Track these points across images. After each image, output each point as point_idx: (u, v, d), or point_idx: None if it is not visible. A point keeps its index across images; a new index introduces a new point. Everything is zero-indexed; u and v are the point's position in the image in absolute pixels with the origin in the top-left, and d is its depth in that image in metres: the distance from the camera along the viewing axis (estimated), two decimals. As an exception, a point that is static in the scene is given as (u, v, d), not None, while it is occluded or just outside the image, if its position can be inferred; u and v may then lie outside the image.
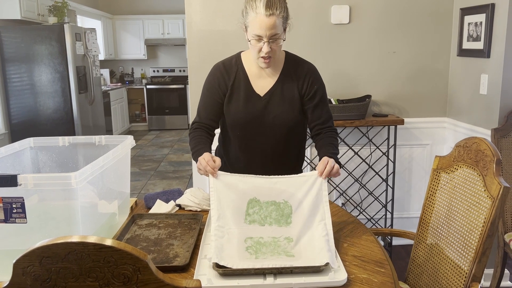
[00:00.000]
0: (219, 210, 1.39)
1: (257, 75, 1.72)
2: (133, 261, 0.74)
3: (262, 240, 1.36)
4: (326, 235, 1.34)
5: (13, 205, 1.21)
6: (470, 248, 1.43)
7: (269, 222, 1.41)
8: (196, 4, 2.82)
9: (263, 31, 1.52)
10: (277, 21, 1.52)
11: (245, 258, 1.28)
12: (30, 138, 1.66)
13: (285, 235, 1.38)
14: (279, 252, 1.31)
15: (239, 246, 1.33)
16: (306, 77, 1.71)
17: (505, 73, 2.40)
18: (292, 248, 1.34)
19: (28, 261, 0.74)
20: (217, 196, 1.42)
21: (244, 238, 1.36)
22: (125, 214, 1.68)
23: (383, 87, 2.98)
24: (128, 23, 8.29)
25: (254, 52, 1.60)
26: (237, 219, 1.40)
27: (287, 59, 1.74)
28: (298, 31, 2.86)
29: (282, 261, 1.25)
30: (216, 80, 1.72)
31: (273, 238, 1.37)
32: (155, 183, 5.03)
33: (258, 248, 1.33)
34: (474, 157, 1.50)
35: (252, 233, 1.38)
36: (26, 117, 4.92)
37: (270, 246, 1.34)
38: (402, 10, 2.89)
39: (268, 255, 1.30)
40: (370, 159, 3.03)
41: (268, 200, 1.44)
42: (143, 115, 8.51)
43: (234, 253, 1.28)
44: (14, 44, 4.76)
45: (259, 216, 1.42)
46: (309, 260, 1.25)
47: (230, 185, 1.44)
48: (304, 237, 1.38)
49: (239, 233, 1.37)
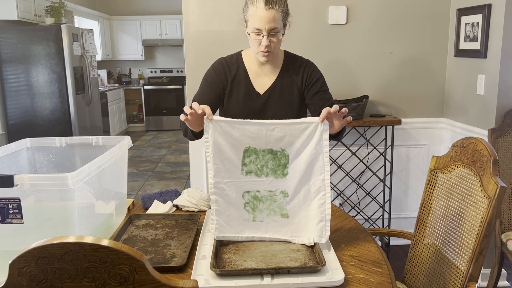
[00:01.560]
0: (216, 164, 1.37)
1: (257, 73, 1.74)
2: (129, 261, 0.74)
3: (259, 194, 1.39)
4: (323, 196, 1.36)
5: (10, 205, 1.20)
6: (467, 248, 1.43)
7: (265, 173, 1.39)
8: (193, 4, 2.82)
9: (263, 24, 1.55)
10: (277, 15, 1.56)
11: (243, 219, 1.37)
12: (27, 139, 1.66)
13: (281, 188, 1.39)
14: (275, 210, 1.38)
15: (238, 203, 1.38)
16: (304, 71, 1.74)
17: (502, 74, 2.41)
18: (287, 204, 1.39)
19: (24, 261, 0.73)
20: (213, 147, 1.36)
21: (241, 193, 1.39)
22: (122, 214, 1.68)
23: (380, 87, 2.98)
24: (125, 23, 8.28)
25: (254, 46, 1.63)
26: (233, 170, 1.39)
27: (286, 58, 1.77)
28: (296, 31, 2.86)
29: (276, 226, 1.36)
30: (217, 73, 1.74)
31: (269, 192, 1.39)
32: (152, 183, 5.02)
33: (255, 205, 1.38)
34: (471, 157, 1.50)
35: (249, 186, 1.39)
36: (23, 117, 4.91)
37: (267, 201, 1.39)
38: (399, 11, 2.90)
39: (265, 215, 1.37)
40: (367, 159, 3.04)
41: (265, 148, 1.38)
42: (140, 116, 8.50)
43: (233, 215, 1.36)
44: (11, 44, 4.75)
45: (255, 166, 1.39)
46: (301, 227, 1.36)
47: (225, 133, 1.37)
48: (300, 193, 1.39)
49: (236, 188, 1.39)
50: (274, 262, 1.26)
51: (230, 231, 1.37)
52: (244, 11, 1.64)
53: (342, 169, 3.01)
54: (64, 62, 4.86)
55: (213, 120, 1.35)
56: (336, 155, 3.00)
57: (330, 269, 1.21)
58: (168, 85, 8.29)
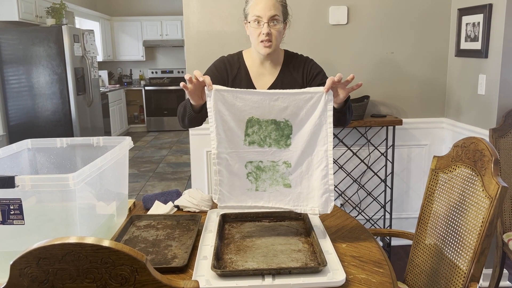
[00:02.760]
0: (219, 134, 1.36)
1: (258, 72, 1.75)
2: (130, 262, 0.74)
3: (261, 164, 1.39)
4: (326, 167, 1.36)
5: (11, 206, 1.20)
6: (469, 248, 1.43)
7: (268, 143, 1.39)
8: (194, 5, 2.82)
9: (263, 11, 1.59)
10: (276, 4, 1.60)
11: (246, 189, 1.37)
12: (28, 140, 1.66)
13: (283, 158, 1.39)
14: (277, 180, 1.38)
15: (240, 173, 1.38)
16: (304, 68, 1.76)
17: (503, 73, 2.40)
18: (289, 174, 1.38)
19: (25, 262, 0.73)
20: (215, 117, 1.35)
21: (244, 163, 1.39)
22: (123, 215, 1.68)
23: (381, 87, 2.98)
24: (126, 24, 8.29)
25: (254, 37, 1.65)
26: (236, 140, 1.38)
27: (286, 57, 1.79)
28: (296, 31, 2.86)
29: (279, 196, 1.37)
30: (219, 69, 1.76)
31: (272, 163, 1.39)
32: (153, 184, 5.02)
33: (258, 175, 1.38)
34: (472, 157, 1.50)
35: (251, 157, 1.39)
36: (24, 118, 4.92)
37: (269, 171, 1.38)
38: (400, 11, 2.90)
39: (267, 184, 1.38)
40: (368, 159, 3.04)
41: (268, 119, 1.38)
42: (141, 117, 8.51)
43: (236, 185, 1.37)
44: (12, 45, 4.75)
45: (258, 136, 1.39)
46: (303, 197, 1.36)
47: (227, 103, 1.36)
48: (303, 163, 1.39)
49: (239, 158, 1.38)
50: (275, 263, 1.26)
51: (233, 200, 1.38)
52: (245, 6, 1.68)
53: (343, 169, 3.01)
54: (65, 63, 4.87)
55: (215, 89, 1.34)
56: (337, 155, 3.00)
57: (331, 270, 1.21)
58: (169, 85, 8.30)
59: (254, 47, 1.70)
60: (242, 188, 1.39)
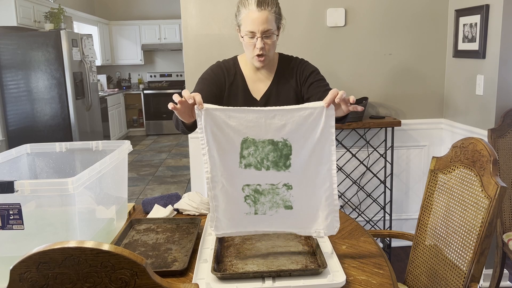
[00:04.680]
0: (212, 157, 1.25)
1: (253, 78, 1.73)
2: (130, 266, 0.74)
3: (260, 188, 1.28)
4: (329, 187, 1.26)
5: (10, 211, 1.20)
6: (469, 249, 1.43)
7: (266, 166, 1.27)
8: (192, 9, 2.82)
9: (256, 26, 1.54)
10: (269, 16, 1.55)
11: (244, 214, 1.27)
12: (27, 144, 1.66)
13: (283, 181, 1.28)
14: (278, 202, 1.28)
15: (237, 197, 1.27)
16: (297, 71, 1.73)
17: (501, 74, 2.41)
18: (291, 196, 1.28)
19: (25, 267, 0.73)
20: (207, 138, 1.24)
21: (241, 186, 1.27)
22: (123, 219, 1.68)
23: (379, 89, 2.99)
24: (124, 28, 8.30)
25: (248, 51, 1.62)
26: (231, 164, 1.27)
27: (280, 60, 1.76)
28: (294, 34, 2.86)
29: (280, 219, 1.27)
30: (216, 74, 1.72)
31: (271, 186, 1.28)
32: (153, 188, 5.02)
33: (257, 198, 1.28)
34: (471, 158, 1.50)
35: (248, 180, 1.28)
36: (23, 123, 4.91)
37: (269, 194, 1.28)
38: (398, 12, 2.90)
39: (267, 207, 1.28)
40: (367, 161, 3.04)
41: (264, 139, 1.26)
42: (140, 120, 8.51)
43: (233, 210, 1.27)
44: (11, 50, 4.76)
45: (254, 158, 1.27)
46: (306, 219, 1.27)
47: (220, 123, 1.24)
48: (305, 184, 1.29)
49: (235, 181, 1.27)
50: (275, 265, 1.26)
51: (231, 227, 1.28)
52: (237, 15, 1.62)
53: (342, 171, 3.01)
54: (63, 67, 4.87)
55: (205, 108, 1.22)
56: (336, 157, 3.00)
57: (332, 271, 1.21)
58: (168, 89, 8.30)
59: (249, 59, 1.68)
60: (240, 212, 1.28)
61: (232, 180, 1.27)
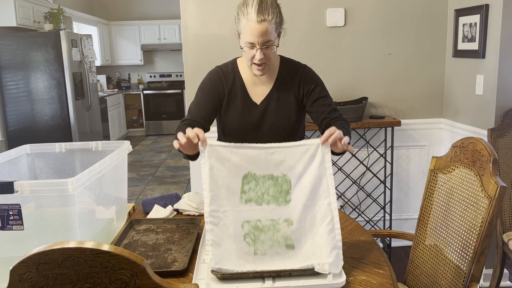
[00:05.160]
0: (212, 191, 1.26)
1: (253, 83, 1.69)
2: (130, 266, 0.74)
3: (260, 224, 1.27)
4: (331, 221, 1.25)
5: (10, 212, 1.20)
6: (469, 248, 1.43)
7: (266, 200, 1.29)
8: (191, 9, 2.82)
9: (255, 38, 1.49)
10: (269, 27, 1.49)
11: (244, 253, 1.23)
12: (27, 145, 1.66)
13: (284, 216, 1.28)
14: (279, 241, 1.25)
15: (236, 234, 1.25)
16: (301, 79, 1.68)
17: (500, 73, 2.41)
18: (292, 234, 1.26)
19: (25, 267, 0.73)
20: (209, 173, 1.27)
21: (241, 223, 1.27)
22: (123, 219, 1.68)
23: (379, 89, 2.99)
24: (124, 29, 8.30)
25: (248, 59, 1.57)
26: (232, 198, 1.28)
27: (282, 64, 1.71)
28: (294, 34, 2.86)
29: (281, 259, 1.22)
30: (214, 83, 1.68)
31: (271, 221, 1.28)
32: (153, 188, 5.02)
33: (257, 236, 1.26)
34: (471, 157, 1.50)
35: (249, 216, 1.28)
36: (23, 124, 4.91)
37: (269, 231, 1.27)
38: (397, 12, 2.90)
39: (267, 246, 1.25)
40: (367, 161, 3.04)
41: (265, 174, 1.30)
42: (140, 121, 8.51)
43: (232, 248, 1.23)
44: (10, 51, 4.76)
45: (255, 193, 1.30)
46: (309, 256, 1.22)
47: (222, 158, 1.29)
48: (306, 220, 1.28)
49: (235, 217, 1.27)
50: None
51: (229, 264, 1.21)
52: (236, 22, 1.57)
53: (342, 171, 3.01)
54: (63, 68, 4.87)
55: (209, 145, 1.28)
56: (336, 157, 3.00)
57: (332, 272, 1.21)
58: (168, 89, 8.30)
59: (248, 67, 1.63)
60: (239, 251, 1.23)
61: (232, 215, 1.27)
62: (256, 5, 1.49)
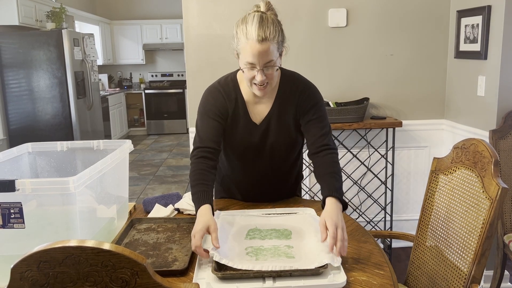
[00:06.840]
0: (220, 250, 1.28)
1: (253, 101, 1.62)
2: (131, 265, 0.74)
3: (262, 247, 1.35)
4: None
5: (11, 210, 1.20)
6: (469, 250, 1.42)
7: (269, 238, 1.42)
8: (193, 8, 2.83)
9: (256, 59, 1.40)
10: (271, 47, 1.40)
11: (246, 260, 1.28)
12: (28, 143, 1.66)
13: (285, 243, 1.38)
14: (279, 254, 1.31)
15: (240, 252, 1.32)
16: (300, 97, 1.60)
17: (502, 75, 2.41)
18: (293, 251, 1.33)
19: (26, 266, 0.73)
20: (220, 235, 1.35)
21: (244, 247, 1.35)
22: (124, 218, 1.68)
23: (381, 89, 2.99)
24: (126, 28, 8.31)
25: (248, 78, 1.49)
26: (237, 237, 1.43)
27: (283, 78, 1.62)
28: (296, 34, 2.86)
29: (282, 262, 1.26)
30: (219, 105, 1.60)
31: (273, 246, 1.36)
32: (154, 187, 5.02)
33: (259, 252, 1.32)
34: (472, 159, 1.50)
35: (252, 244, 1.38)
36: (25, 122, 4.92)
37: (270, 251, 1.33)
38: (399, 13, 2.90)
39: (269, 256, 1.30)
40: (368, 161, 3.04)
41: (268, 228, 1.49)
42: (141, 120, 8.52)
43: (234, 258, 1.28)
44: (12, 49, 4.76)
45: (259, 235, 1.44)
46: (309, 261, 1.25)
47: (231, 222, 1.53)
48: (305, 243, 1.37)
49: (239, 244, 1.37)
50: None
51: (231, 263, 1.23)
52: (235, 41, 1.48)
53: (343, 171, 3.01)
54: (65, 66, 4.88)
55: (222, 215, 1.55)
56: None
57: (332, 272, 1.21)
58: (169, 89, 8.31)
59: (248, 87, 1.54)
60: (241, 259, 1.28)
61: (236, 243, 1.40)
62: (257, 23, 1.40)
